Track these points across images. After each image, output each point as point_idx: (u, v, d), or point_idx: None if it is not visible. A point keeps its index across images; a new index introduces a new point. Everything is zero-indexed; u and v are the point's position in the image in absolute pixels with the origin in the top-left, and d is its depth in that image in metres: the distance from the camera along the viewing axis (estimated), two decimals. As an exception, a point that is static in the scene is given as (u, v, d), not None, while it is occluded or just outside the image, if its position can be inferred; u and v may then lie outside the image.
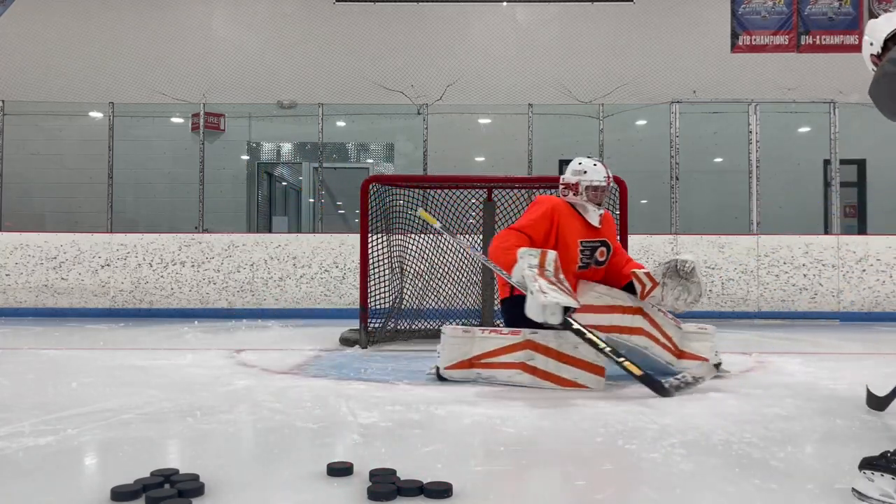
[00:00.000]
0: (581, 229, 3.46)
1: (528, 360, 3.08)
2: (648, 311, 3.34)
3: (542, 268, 3.06)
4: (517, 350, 3.11)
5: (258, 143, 10.14)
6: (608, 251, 3.53)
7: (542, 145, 8.47)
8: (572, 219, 3.46)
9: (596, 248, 3.49)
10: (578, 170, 3.53)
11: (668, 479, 1.73)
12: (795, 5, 9.28)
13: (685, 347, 3.39)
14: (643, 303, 3.36)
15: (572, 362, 3.04)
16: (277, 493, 1.62)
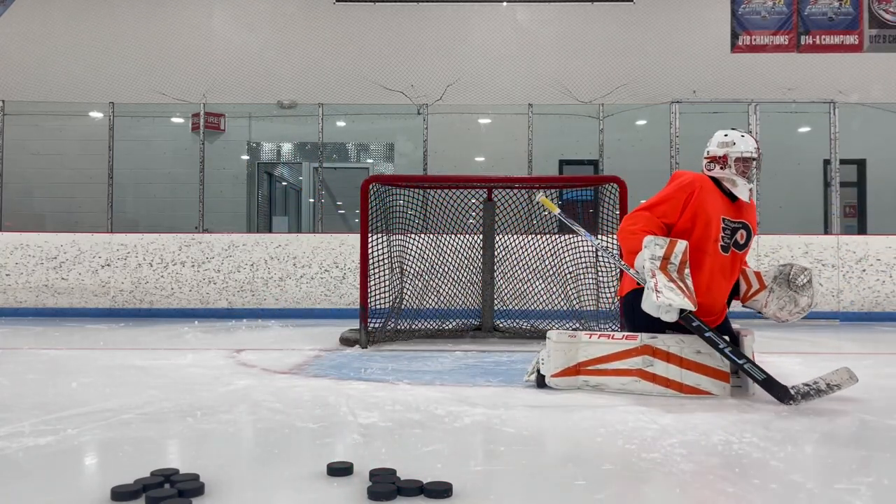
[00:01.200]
0: (725, 206, 3.14)
1: (646, 367, 2.89)
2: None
3: (666, 259, 2.91)
4: (633, 356, 2.92)
5: (258, 143, 10.14)
6: (748, 235, 3.18)
7: (542, 145, 8.47)
8: (715, 195, 3.16)
9: (737, 230, 3.14)
10: (725, 141, 3.24)
11: (668, 479, 1.73)
12: (795, 5, 9.27)
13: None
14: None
15: (695, 368, 2.86)
16: (277, 493, 1.62)
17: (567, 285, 5.47)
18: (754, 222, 3.25)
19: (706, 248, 3.08)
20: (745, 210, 3.20)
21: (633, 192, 5.21)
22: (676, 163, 7.80)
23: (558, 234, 5.67)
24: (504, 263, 5.58)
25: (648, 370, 2.89)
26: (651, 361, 2.90)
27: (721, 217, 3.12)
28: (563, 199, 7.17)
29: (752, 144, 3.21)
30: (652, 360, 2.90)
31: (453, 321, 5.47)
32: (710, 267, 3.08)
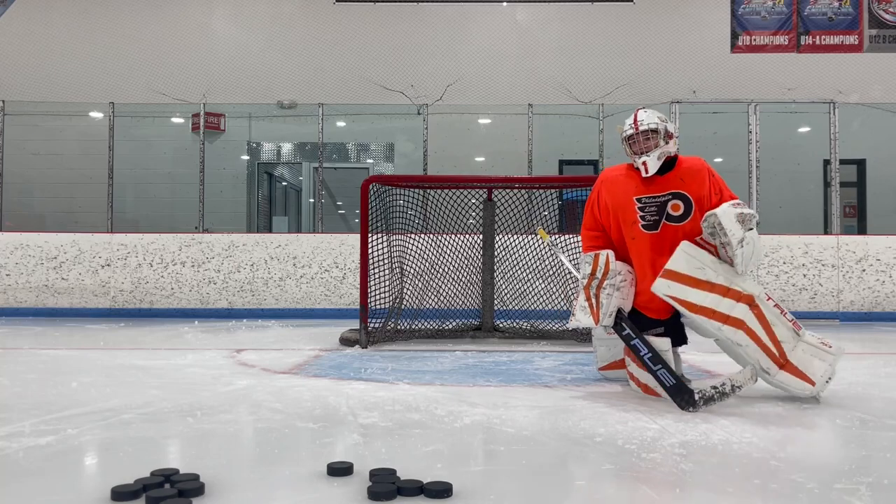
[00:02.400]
0: (638, 186, 3.09)
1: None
2: (761, 303, 2.76)
3: (592, 275, 3.00)
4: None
5: (258, 143, 10.14)
6: (686, 204, 3.01)
7: (542, 145, 8.47)
8: (627, 179, 3.14)
9: (665, 202, 3.03)
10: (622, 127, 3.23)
11: (668, 479, 1.73)
12: (795, 5, 9.28)
13: (794, 359, 2.75)
14: (759, 289, 2.79)
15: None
16: (277, 493, 1.62)
17: (567, 285, 5.47)
18: (696, 188, 3.02)
19: (631, 233, 3.07)
20: (672, 181, 3.05)
21: (633, 192, 5.20)
22: (676, 163, 7.79)
23: (558, 234, 5.67)
24: (504, 263, 5.58)
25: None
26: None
27: (633, 198, 3.09)
28: (563, 199, 7.18)
29: (630, 122, 3.16)
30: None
31: (453, 321, 5.47)
32: (641, 249, 3.04)
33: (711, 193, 3.01)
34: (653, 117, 3.11)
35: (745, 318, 2.74)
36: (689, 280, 2.79)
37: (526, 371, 3.59)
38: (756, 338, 2.74)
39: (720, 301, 2.76)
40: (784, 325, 2.77)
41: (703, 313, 2.77)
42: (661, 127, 3.06)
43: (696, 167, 3.06)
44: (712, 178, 3.04)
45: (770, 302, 2.79)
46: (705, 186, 3.02)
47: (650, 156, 3.04)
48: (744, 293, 2.76)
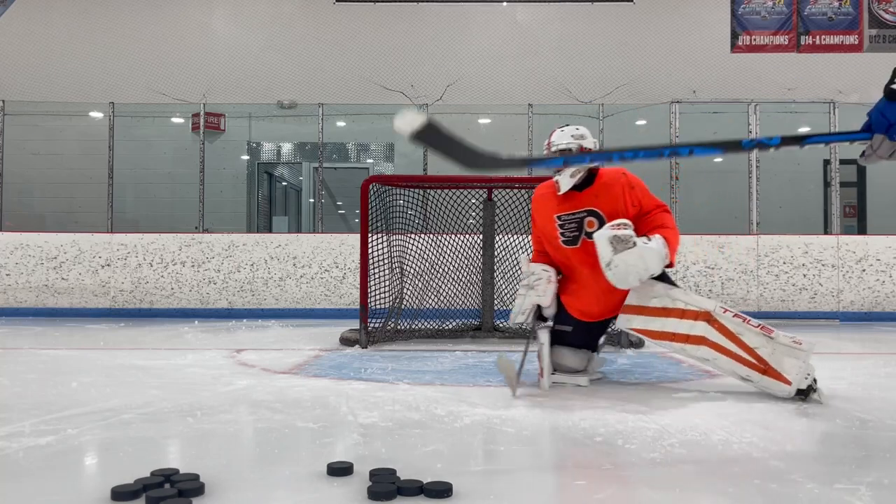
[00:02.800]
0: (560, 203, 3.22)
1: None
2: (719, 317, 2.87)
3: (527, 286, 3.20)
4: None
5: (258, 143, 10.15)
6: (599, 221, 3.12)
7: (542, 145, 8.45)
8: (550, 197, 3.28)
9: (582, 219, 3.16)
10: None
11: (668, 479, 1.73)
12: (795, 5, 9.28)
13: (773, 362, 2.79)
14: (713, 304, 2.91)
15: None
16: (277, 493, 1.62)
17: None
18: (609, 204, 3.13)
19: (554, 247, 3.24)
20: (590, 197, 3.16)
21: (633, 192, 5.20)
22: (676, 163, 7.80)
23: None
24: (504, 263, 5.58)
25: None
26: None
27: (554, 216, 3.23)
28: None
29: (546, 143, 3.28)
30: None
31: (453, 321, 5.47)
32: (570, 264, 3.21)
33: (628, 206, 3.11)
34: (565, 137, 3.20)
35: (706, 333, 2.87)
36: (646, 311, 2.97)
37: (526, 371, 3.59)
38: (723, 350, 2.86)
39: (679, 324, 2.91)
40: (751, 331, 2.85)
41: (665, 338, 2.94)
42: (575, 145, 3.16)
43: (611, 182, 3.17)
44: (630, 192, 3.13)
45: (728, 314, 2.88)
46: (619, 201, 3.12)
47: (562, 175, 3.16)
48: (700, 311, 2.90)
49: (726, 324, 2.86)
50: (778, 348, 2.80)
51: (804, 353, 2.77)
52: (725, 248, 7.42)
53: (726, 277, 7.39)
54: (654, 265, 2.88)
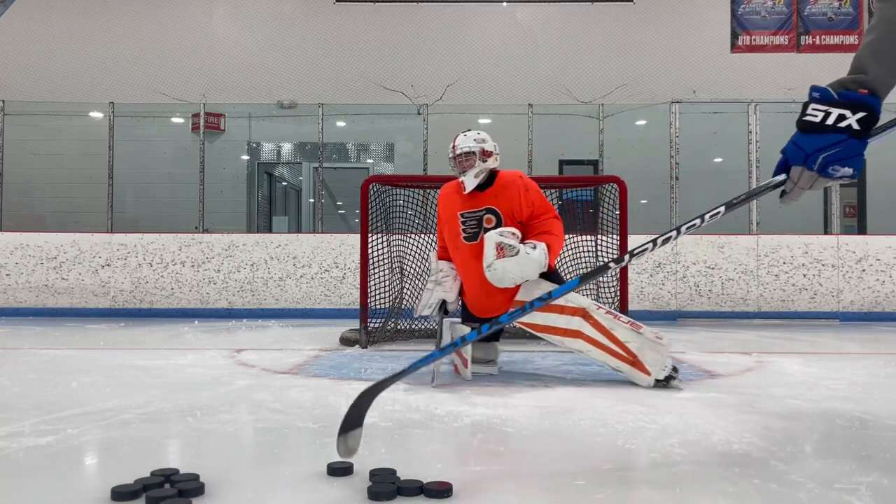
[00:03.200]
0: (463, 202, 3.50)
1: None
2: (593, 313, 3.18)
3: (434, 282, 3.51)
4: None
5: (258, 143, 10.15)
6: (497, 218, 3.42)
7: (542, 145, 8.47)
8: (455, 196, 3.56)
9: (482, 217, 3.46)
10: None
11: (668, 479, 1.73)
12: (795, 5, 9.28)
13: (639, 354, 3.10)
14: (588, 302, 3.23)
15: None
16: (277, 493, 1.62)
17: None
18: (510, 203, 3.41)
19: (455, 244, 3.51)
20: (489, 197, 3.45)
21: (632, 192, 5.21)
22: (676, 163, 7.80)
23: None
24: (504, 263, 5.57)
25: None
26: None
27: (458, 213, 3.51)
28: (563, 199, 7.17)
29: (451, 146, 3.57)
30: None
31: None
32: (465, 259, 3.47)
33: (523, 206, 3.41)
34: (468, 141, 3.53)
35: (582, 328, 3.18)
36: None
37: (526, 371, 3.59)
38: (596, 343, 3.17)
39: (558, 318, 3.21)
40: (622, 327, 3.15)
41: (546, 331, 3.24)
42: (477, 149, 3.50)
43: (508, 183, 3.46)
44: (525, 193, 3.42)
45: (602, 310, 3.20)
46: (516, 200, 3.42)
47: (467, 175, 3.47)
48: (577, 308, 3.20)
49: (600, 320, 3.17)
50: (645, 343, 3.11)
51: (664, 347, 3.08)
52: (725, 248, 7.42)
53: (726, 277, 7.40)
54: (530, 273, 3.20)
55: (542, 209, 3.43)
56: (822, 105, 1.36)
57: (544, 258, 3.21)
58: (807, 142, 1.38)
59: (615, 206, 5.05)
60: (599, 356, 3.17)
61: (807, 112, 1.37)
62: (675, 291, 7.41)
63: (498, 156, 3.58)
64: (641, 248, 1.68)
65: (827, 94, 1.36)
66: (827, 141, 1.35)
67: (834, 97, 1.35)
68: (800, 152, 1.40)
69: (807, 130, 1.39)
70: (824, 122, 1.35)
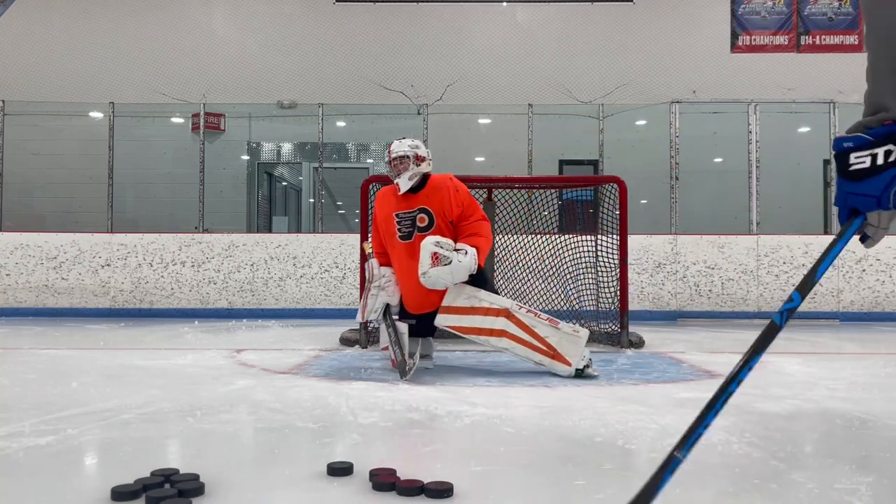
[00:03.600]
0: (398, 203, 3.72)
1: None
2: (515, 313, 3.44)
3: (368, 281, 3.73)
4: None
5: (258, 143, 10.15)
6: (429, 217, 3.66)
7: (542, 145, 8.47)
8: (391, 197, 3.77)
9: (415, 217, 3.68)
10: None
11: (668, 479, 1.73)
12: (795, 5, 9.28)
13: (559, 347, 3.39)
14: (510, 303, 3.46)
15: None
16: (277, 493, 1.62)
17: (567, 285, 5.47)
18: (441, 204, 3.64)
19: (391, 243, 3.72)
20: (423, 198, 3.68)
21: (633, 192, 5.21)
22: (676, 163, 7.80)
23: (558, 234, 5.68)
24: (504, 263, 5.58)
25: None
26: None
27: (394, 214, 3.72)
28: (563, 199, 7.17)
29: (391, 150, 3.74)
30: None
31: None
32: (400, 257, 3.68)
33: (453, 206, 3.64)
34: (403, 146, 3.73)
35: (506, 327, 3.42)
36: (459, 310, 3.46)
37: (526, 371, 3.59)
38: (520, 340, 3.42)
39: (483, 320, 3.44)
40: (542, 324, 3.42)
41: (473, 332, 3.44)
42: (411, 153, 3.69)
43: (439, 185, 3.68)
44: (456, 194, 3.65)
45: (523, 310, 3.45)
46: (447, 200, 3.64)
47: (402, 178, 3.68)
48: (501, 308, 3.44)
49: (522, 318, 3.43)
50: (563, 337, 3.39)
51: (581, 339, 3.38)
52: (725, 248, 7.43)
53: (726, 277, 7.40)
54: (461, 277, 3.45)
55: (471, 210, 3.68)
56: (862, 151, 1.38)
57: (474, 263, 3.46)
58: (868, 187, 1.39)
59: (615, 206, 5.05)
60: (523, 352, 3.42)
61: (850, 162, 1.39)
62: (675, 291, 7.41)
63: (430, 161, 3.80)
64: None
65: (862, 140, 1.38)
66: (887, 178, 1.36)
67: (869, 139, 1.37)
68: (868, 199, 1.40)
69: (861, 177, 1.40)
70: (875, 163, 1.37)
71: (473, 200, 3.72)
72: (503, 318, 3.42)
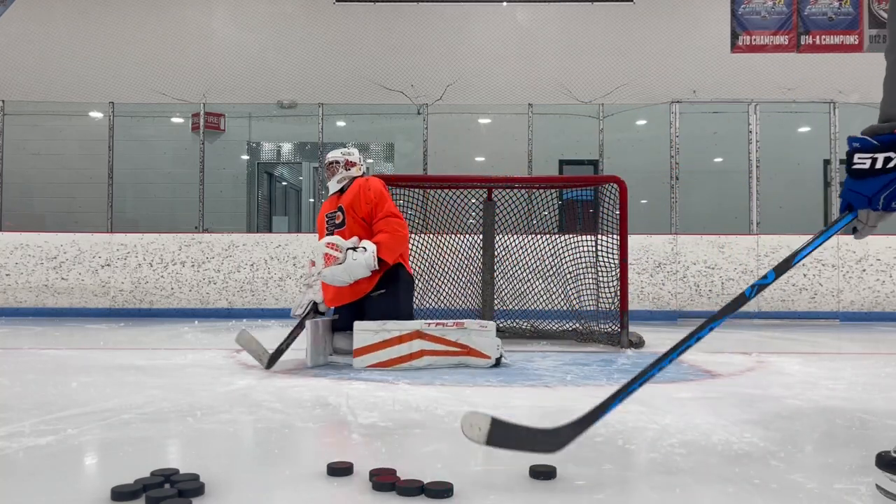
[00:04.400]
0: (328, 205, 4.14)
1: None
2: (425, 331, 3.61)
3: (307, 286, 3.96)
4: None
5: (258, 143, 10.15)
6: (343, 215, 4.01)
7: (542, 145, 8.47)
8: (327, 203, 4.19)
9: (334, 216, 4.06)
10: None
11: (668, 479, 1.73)
12: (795, 5, 9.28)
13: (472, 343, 3.60)
14: (419, 324, 3.62)
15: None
16: (277, 493, 1.62)
17: (567, 285, 5.47)
18: (355, 203, 3.99)
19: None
20: (342, 199, 4.06)
21: (633, 192, 5.21)
22: (676, 163, 7.80)
23: (558, 234, 5.68)
24: (504, 263, 5.58)
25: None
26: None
27: (325, 215, 4.13)
28: (563, 199, 7.18)
29: (327, 157, 4.19)
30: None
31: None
32: (326, 256, 3.86)
33: (361, 203, 3.96)
34: (336, 153, 4.17)
35: (423, 346, 3.59)
36: (371, 348, 3.59)
37: (526, 371, 3.59)
38: (437, 352, 3.60)
39: (399, 348, 3.58)
40: (451, 330, 3.62)
41: (395, 363, 3.56)
42: (342, 159, 4.15)
43: (356, 188, 4.02)
44: (366, 192, 3.97)
45: (431, 324, 3.64)
46: (357, 198, 3.98)
47: (331, 181, 4.14)
48: (412, 332, 3.60)
49: (433, 333, 3.61)
50: (472, 333, 3.61)
51: (489, 331, 3.61)
52: (725, 248, 7.42)
53: (726, 277, 7.40)
54: (359, 273, 3.71)
55: (380, 208, 3.94)
56: (866, 153, 1.50)
57: (372, 258, 3.72)
58: (864, 187, 1.53)
59: (615, 206, 5.05)
60: (445, 361, 3.60)
61: (854, 161, 1.51)
62: (675, 291, 7.41)
63: (362, 167, 4.16)
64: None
65: (867, 143, 1.50)
66: (881, 182, 1.50)
67: (874, 143, 1.49)
68: (861, 197, 1.55)
69: (860, 177, 1.53)
70: (874, 167, 1.50)
71: (384, 198, 3.97)
72: (417, 340, 3.59)
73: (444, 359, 3.61)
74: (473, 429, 1.63)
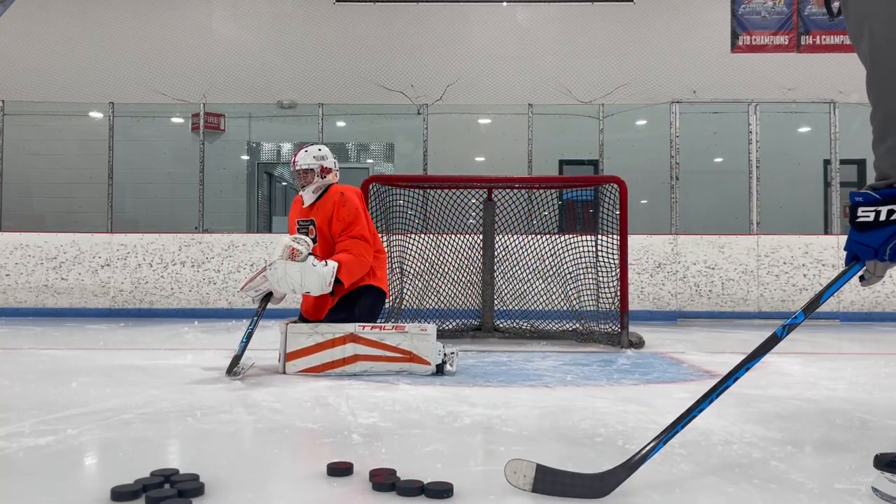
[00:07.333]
0: (301, 211, 3.89)
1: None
2: (360, 334, 3.42)
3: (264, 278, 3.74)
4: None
5: (258, 143, 10.15)
6: (315, 228, 3.82)
7: (542, 145, 8.47)
8: (299, 204, 3.92)
9: (307, 226, 3.86)
10: None
11: (668, 479, 1.73)
12: (795, 5, 9.28)
13: (413, 349, 3.41)
14: (353, 327, 3.43)
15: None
16: (277, 493, 1.62)
17: (567, 285, 5.48)
18: (326, 217, 3.76)
19: None
20: (315, 209, 3.82)
21: (633, 192, 5.21)
22: (677, 163, 7.80)
23: (558, 234, 5.68)
24: (504, 263, 5.58)
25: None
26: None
27: (296, 220, 3.90)
28: (563, 199, 7.18)
29: (295, 161, 3.85)
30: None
31: (453, 321, 5.47)
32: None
33: (334, 220, 3.74)
34: (308, 158, 3.82)
35: (357, 351, 3.40)
36: (304, 352, 3.41)
37: (526, 371, 3.59)
38: (374, 357, 3.40)
39: (332, 352, 3.39)
40: (390, 334, 3.44)
41: (327, 368, 3.38)
42: (316, 166, 3.81)
43: (329, 199, 3.78)
44: (340, 209, 3.71)
45: (367, 328, 3.44)
46: (330, 214, 3.75)
47: (306, 189, 3.84)
48: (346, 335, 3.41)
49: (369, 336, 3.42)
50: (414, 338, 3.42)
51: (430, 336, 3.41)
52: (725, 248, 7.42)
53: (726, 277, 7.40)
54: (311, 284, 3.46)
55: (351, 227, 3.70)
56: (869, 206, 1.60)
57: (330, 276, 3.49)
58: (869, 239, 1.62)
59: (615, 206, 5.05)
60: (382, 367, 3.40)
61: (858, 214, 1.61)
62: (676, 291, 7.41)
63: (337, 172, 3.88)
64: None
65: (870, 196, 1.59)
66: (886, 234, 1.59)
67: (877, 197, 1.58)
68: (868, 249, 1.63)
69: (864, 229, 1.62)
70: (877, 219, 1.59)
71: (358, 217, 3.73)
72: (351, 344, 3.41)
73: (381, 364, 3.40)
74: (518, 476, 1.61)
